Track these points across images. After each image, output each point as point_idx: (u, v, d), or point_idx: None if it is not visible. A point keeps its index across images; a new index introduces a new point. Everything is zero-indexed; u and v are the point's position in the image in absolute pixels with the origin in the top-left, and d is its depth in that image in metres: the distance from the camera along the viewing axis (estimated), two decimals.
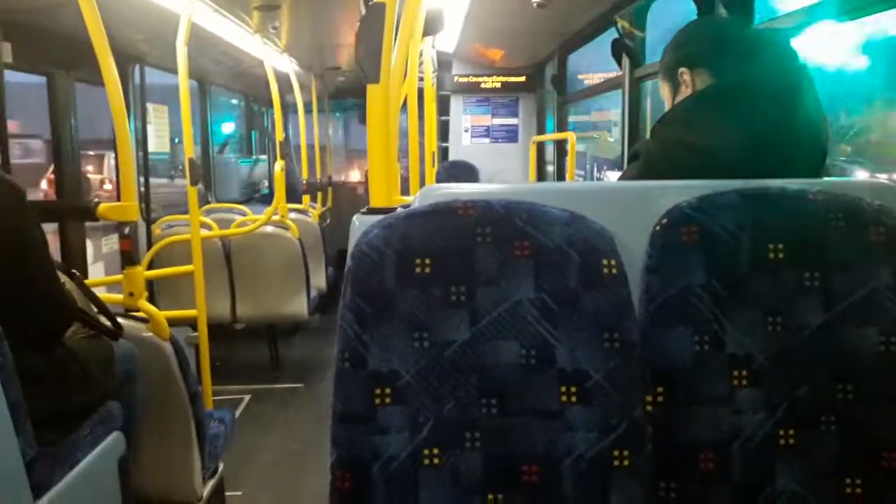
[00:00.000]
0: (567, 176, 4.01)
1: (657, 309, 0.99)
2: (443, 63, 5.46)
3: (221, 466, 2.39)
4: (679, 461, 0.99)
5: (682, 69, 1.31)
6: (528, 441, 0.93)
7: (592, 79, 5.42)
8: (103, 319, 1.79)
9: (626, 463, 0.92)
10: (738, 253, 0.99)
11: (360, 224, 1.06)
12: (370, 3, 1.12)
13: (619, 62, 3.31)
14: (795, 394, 0.99)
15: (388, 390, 0.92)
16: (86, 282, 1.93)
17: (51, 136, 3.37)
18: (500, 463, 0.93)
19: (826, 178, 1.18)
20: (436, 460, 0.92)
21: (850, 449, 0.98)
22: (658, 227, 1.01)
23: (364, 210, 1.15)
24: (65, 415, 1.55)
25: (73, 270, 1.88)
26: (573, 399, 0.93)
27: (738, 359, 0.99)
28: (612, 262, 0.95)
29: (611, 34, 3.26)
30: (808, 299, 0.99)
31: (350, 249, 0.96)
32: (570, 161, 3.80)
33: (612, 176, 5.60)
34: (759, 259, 0.99)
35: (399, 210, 1.02)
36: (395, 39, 1.20)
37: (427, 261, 0.94)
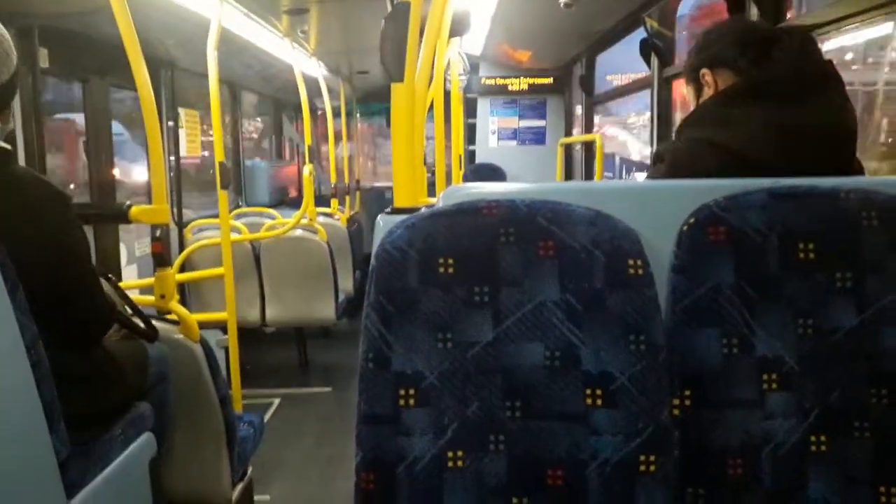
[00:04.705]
0: (595, 178, 3.99)
1: (684, 310, 0.98)
2: (469, 65, 5.46)
3: (250, 469, 2.40)
4: (707, 466, 0.97)
5: (703, 70, 1.32)
6: (553, 444, 0.92)
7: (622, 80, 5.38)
8: (138, 321, 1.82)
9: (652, 468, 0.91)
10: (767, 253, 0.97)
11: (384, 224, 1.06)
12: (395, 3, 1.13)
13: (647, 62, 3.28)
14: (828, 398, 0.96)
15: (412, 391, 0.92)
16: (119, 284, 1.96)
17: (86, 140, 3.44)
18: (524, 466, 0.92)
19: (859, 177, 1.16)
20: (460, 462, 0.92)
21: (886, 456, 0.95)
22: (685, 227, 0.99)
23: (388, 210, 1.15)
24: (99, 415, 1.58)
25: (109, 274, 1.92)
26: (598, 402, 0.91)
27: (768, 362, 0.96)
28: (639, 263, 0.93)
29: (639, 34, 3.24)
30: (841, 301, 0.97)
31: (374, 249, 0.96)
32: (598, 163, 3.77)
33: (638, 177, 5.55)
34: (790, 259, 0.97)
35: (423, 210, 1.02)
36: (421, 40, 1.20)
37: (450, 261, 0.93)
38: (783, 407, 0.96)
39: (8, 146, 1.46)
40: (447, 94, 2.70)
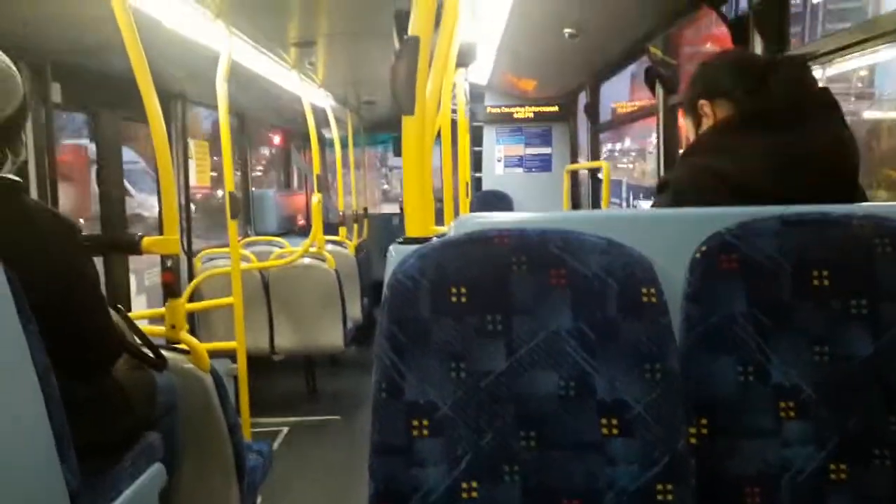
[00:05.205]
0: (602, 205, 4.00)
1: (698, 338, 0.97)
2: (475, 94, 5.51)
3: (260, 499, 2.39)
4: (724, 495, 0.96)
5: (702, 102, 1.34)
6: (568, 474, 0.91)
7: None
8: (147, 351, 1.82)
9: (669, 497, 0.90)
10: (780, 280, 0.97)
11: (396, 254, 1.07)
12: (405, 38, 1.14)
13: (652, 90, 3.31)
14: (846, 426, 0.95)
15: (425, 422, 0.92)
16: (129, 314, 1.97)
17: (97, 173, 3.48)
18: (539, 497, 0.91)
19: (870, 203, 1.16)
20: (474, 493, 0.91)
21: None
22: (698, 255, 0.99)
23: (400, 240, 1.16)
24: (107, 445, 1.58)
25: (119, 305, 1.92)
26: (614, 431, 0.91)
27: (785, 389, 0.96)
28: (652, 291, 0.94)
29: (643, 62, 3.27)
30: (856, 328, 0.96)
31: (386, 279, 0.97)
32: (604, 189, 3.79)
33: (644, 205, 5.56)
34: (803, 286, 0.97)
35: (434, 240, 1.02)
36: (430, 71, 1.22)
37: (462, 290, 0.94)
38: (801, 435, 0.95)
39: (18, 179, 1.48)
40: (454, 124, 2.72)
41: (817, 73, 2.12)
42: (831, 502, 0.94)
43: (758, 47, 2.17)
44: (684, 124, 1.44)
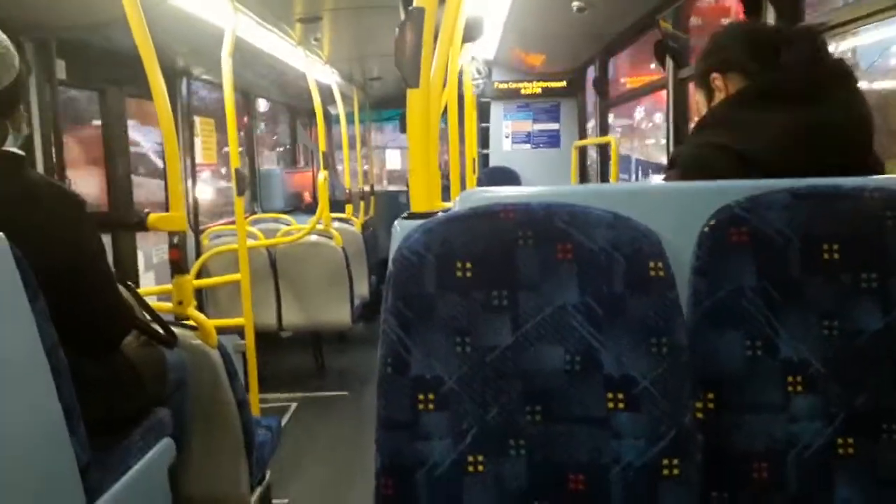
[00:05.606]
0: (611, 180, 3.97)
1: (706, 312, 0.97)
2: (483, 70, 5.47)
3: (269, 474, 2.41)
4: (731, 470, 0.96)
5: (714, 75, 1.31)
6: (574, 448, 0.91)
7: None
8: (157, 328, 1.83)
9: (675, 472, 0.90)
10: (790, 254, 0.96)
11: (401, 229, 1.06)
12: (410, 9, 1.12)
13: (662, 64, 3.27)
14: (854, 401, 0.95)
15: (431, 396, 0.92)
16: (137, 291, 1.98)
17: (103, 150, 3.48)
18: (545, 470, 0.91)
19: (883, 177, 1.14)
20: (480, 467, 0.91)
21: None
22: (706, 228, 0.98)
23: (405, 215, 1.15)
24: (117, 421, 1.59)
25: (128, 282, 1.93)
26: (620, 406, 0.91)
27: (793, 364, 0.95)
28: (659, 265, 0.93)
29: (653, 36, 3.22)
30: (866, 302, 0.95)
31: (391, 254, 0.96)
32: (613, 165, 3.76)
33: (655, 179, 5.51)
34: (813, 260, 0.96)
35: (440, 214, 1.01)
36: (435, 46, 1.20)
37: (468, 265, 0.93)
38: (808, 410, 0.95)
39: (21, 152, 1.48)
40: (461, 99, 2.70)
41: (829, 46, 2.09)
42: (838, 477, 0.94)
43: (770, 19, 2.14)
44: (695, 97, 1.41)
